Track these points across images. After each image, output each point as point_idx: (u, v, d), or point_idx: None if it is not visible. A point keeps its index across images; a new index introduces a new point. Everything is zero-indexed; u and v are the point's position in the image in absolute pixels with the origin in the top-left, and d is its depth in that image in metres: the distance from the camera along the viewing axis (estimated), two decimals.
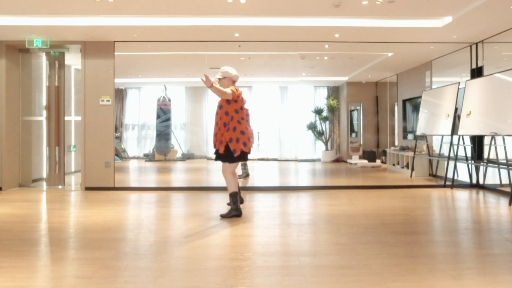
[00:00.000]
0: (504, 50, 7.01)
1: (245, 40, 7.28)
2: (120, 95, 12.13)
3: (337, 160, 12.55)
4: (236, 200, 4.80)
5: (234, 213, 4.79)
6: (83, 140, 7.22)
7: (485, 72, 7.11)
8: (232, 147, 4.66)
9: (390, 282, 2.77)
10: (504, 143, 6.15)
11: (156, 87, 11.82)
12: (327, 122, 12.85)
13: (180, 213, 5.31)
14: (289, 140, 12.67)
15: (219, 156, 4.79)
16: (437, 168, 8.46)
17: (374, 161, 11.44)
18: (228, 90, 4.64)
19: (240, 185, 7.67)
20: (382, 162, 11.38)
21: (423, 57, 8.75)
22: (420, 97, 9.02)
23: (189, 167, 9.36)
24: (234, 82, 4.86)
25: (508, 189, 6.06)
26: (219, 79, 4.81)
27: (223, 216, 4.80)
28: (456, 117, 7.39)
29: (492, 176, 7.13)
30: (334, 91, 13.04)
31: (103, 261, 3.21)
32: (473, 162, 7.28)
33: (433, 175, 8.59)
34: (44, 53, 7.69)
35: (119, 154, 11.50)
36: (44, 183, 7.70)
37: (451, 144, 7.44)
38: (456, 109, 7.45)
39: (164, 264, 3.18)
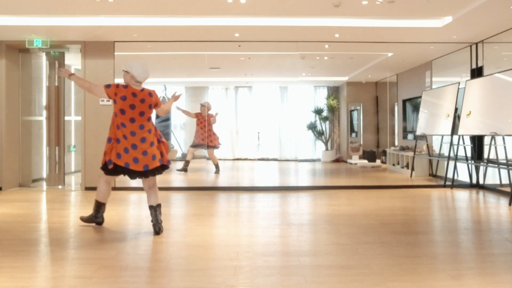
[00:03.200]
0: (504, 50, 7.01)
1: (245, 40, 7.28)
2: None
3: (337, 160, 12.54)
4: (98, 208, 4.35)
5: (93, 219, 4.37)
6: (83, 140, 7.22)
7: (485, 72, 7.11)
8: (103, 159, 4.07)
9: (390, 282, 2.77)
10: (504, 143, 6.14)
11: (156, 87, 11.78)
12: (327, 122, 12.85)
13: (180, 213, 5.31)
14: (289, 140, 12.66)
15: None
16: (437, 168, 8.46)
17: (374, 161, 11.44)
18: (99, 86, 4.07)
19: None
20: (382, 162, 11.38)
21: (423, 57, 8.74)
22: (420, 97, 9.02)
23: (189, 167, 9.36)
24: (138, 81, 4.15)
25: (508, 189, 6.06)
26: (123, 70, 4.19)
27: (82, 219, 4.43)
28: (456, 117, 7.39)
29: (492, 176, 7.13)
30: (334, 91, 13.03)
31: (103, 261, 3.21)
32: (473, 162, 7.27)
33: (433, 175, 8.59)
34: (44, 53, 7.69)
35: None
36: (44, 183, 7.70)
37: (451, 144, 7.44)
38: (456, 109, 7.44)
39: (164, 264, 3.18)
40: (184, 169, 9.12)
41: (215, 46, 7.50)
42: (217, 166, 9.17)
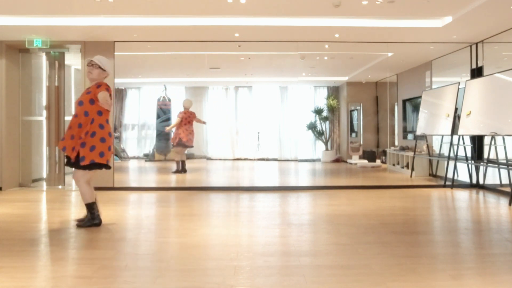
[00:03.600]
0: (504, 50, 7.01)
1: (245, 40, 7.28)
2: (120, 95, 12.12)
3: (337, 160, 12.55)
4: (92, 209, 4.33)
5: (92, 222, 4.32)
6: None
7: (485, 72, 7.11)
8: (82, 153, 4.11)
9: (390, 282, 2.77)
10: (504, 143, 6.14)
11: (156, 87, 11.82)
12: (327, 122, 12.86)
13: (180, 213, 5.31)
14: (289, 140, 12.68)
15: (71, 163, 4.24)
16: (437, 168, 8.46)
17: (374, 161, 11.44)
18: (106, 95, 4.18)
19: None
20: (382, 162, 11.38)
21: (423, 57, 8.75)
22: (420, 97, 9.02)
23: (189, 167, 9.36)
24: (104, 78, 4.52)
25: (508, 189, 6.06)
26: (93, 65, 4.34)
27: (79, 226, 4.33)
28: (456, 117, 7.39)
29: (492, 176, 7.13)
30: (334, 91, 13.04)
31: (103, 261, 3.21)
32: (473, 162, 7.27)
33: (433, 175, 8.59)
34: (44, 53, 7.69)
35: (118, 154, 11.50)
36: (44, 183, 7.70)
37: (451, 144, 7.44)
38: (456, 109, 7.45)
39: (164, 264, 3.18)
40: (183, 170, 9.12)
41: (215, 46, 7.50)
42: (177, 164, 9.18)
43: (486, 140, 6.95)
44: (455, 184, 7.38)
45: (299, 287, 2.70)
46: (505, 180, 6.43)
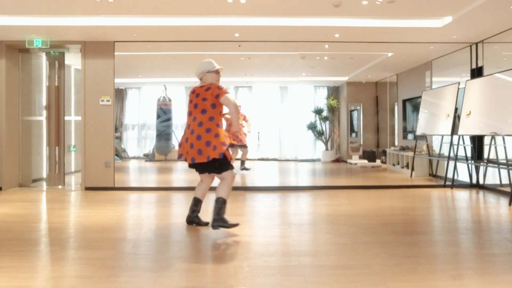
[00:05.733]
0: (504, 50, 7.01)
1: (245, 40, 7.28)
2: (120, 95, 12.12)
3: (337, 160, 12.55)
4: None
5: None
6: (83, 140, 7.22)
7: (485, 72, 7.11)
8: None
9: (390, 282, 2.77)
10: (504, 143, 6.15)
11: (156, 87, 11.81)
12: (327, 122, 12.85)
13: (180, 213, 5.30)
14: (289, 140, 12.66)
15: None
16: (437, 168, 8.46)
17: (374, 161, 11.44)
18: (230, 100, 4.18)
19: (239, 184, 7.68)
20: (382, 162, 11.38)
21: (423, 57, 8.75)
22: (420, 97, 9.02)
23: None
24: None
25: (508, 189, 6.06)
26: (206, 73, 4.38)
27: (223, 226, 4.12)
28: (456, 117, 7.39)
29: (492, 176, 7.13)
30: (334, 91, 13.04)
31: (103, 261, 3.21)
32: (473, 162, 7.27)
33: (433, 175, 8.59)
34: (44, 53, 7.69)
35: (119, 154, 11.49)
36: (44, 183, 7.70)
37: (451, 144, 7.44)
38: (456, 109, 7.45)
39: (164, 264, 3.18)
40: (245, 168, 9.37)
41: (215, 46, 7.50)
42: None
43: (486, 140, 6.95)
44: (455, 184, 7.38)
45: (299, 287, 2.70)
46: (505, 180, 6.43)
